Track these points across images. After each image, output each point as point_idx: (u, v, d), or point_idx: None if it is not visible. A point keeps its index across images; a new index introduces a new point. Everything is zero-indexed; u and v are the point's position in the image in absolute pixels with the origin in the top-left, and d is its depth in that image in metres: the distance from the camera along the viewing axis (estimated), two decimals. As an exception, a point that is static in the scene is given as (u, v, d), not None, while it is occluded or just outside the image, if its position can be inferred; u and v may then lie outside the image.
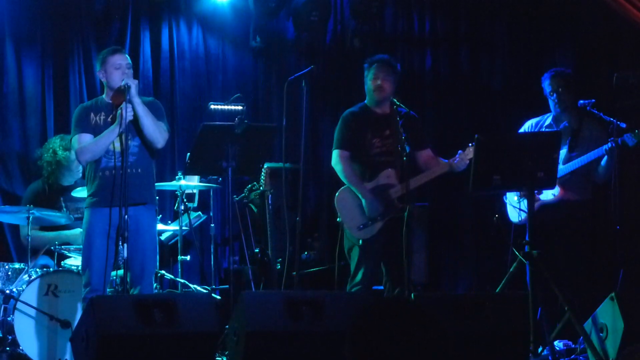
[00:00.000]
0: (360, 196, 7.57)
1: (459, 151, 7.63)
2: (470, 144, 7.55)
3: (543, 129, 8.01)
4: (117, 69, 7.07)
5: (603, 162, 7.69)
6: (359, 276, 7.55)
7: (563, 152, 7.85)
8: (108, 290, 7.16)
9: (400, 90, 7.84)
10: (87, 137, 7.05)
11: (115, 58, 7.10)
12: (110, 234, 6.79)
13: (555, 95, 8.00)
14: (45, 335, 7.40)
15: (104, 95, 7.25)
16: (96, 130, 7.05)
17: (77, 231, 8.11)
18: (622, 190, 7.55)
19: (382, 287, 7.86)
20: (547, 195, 7.90)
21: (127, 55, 7.23)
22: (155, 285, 8.25)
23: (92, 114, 7.13)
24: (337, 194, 7.73)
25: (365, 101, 7.84)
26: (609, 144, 7.57)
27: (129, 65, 7.12)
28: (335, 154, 7.72)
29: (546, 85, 8.06)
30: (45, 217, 7.90)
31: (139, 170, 7.08)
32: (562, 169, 7.83)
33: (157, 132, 7.02)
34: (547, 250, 7.43)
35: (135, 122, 7.00)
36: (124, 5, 9.72)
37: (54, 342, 7.38)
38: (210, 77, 10.03)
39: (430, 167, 7.77)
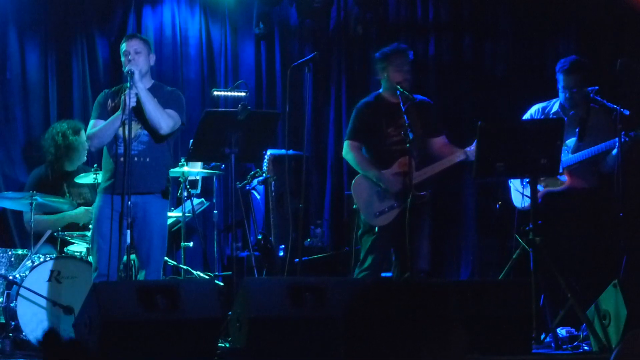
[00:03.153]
0: (375, 180, 7.58)
1: (475, 140, 7.61)
2: None
3: (550, 116, 7.97)
4: (125, 56, 7.14)
5: (613, 152, 7.64)
6: (368, 262, 7.57)
7: (572, 141, 7.83)
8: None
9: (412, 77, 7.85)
10: (95, 124, 7.17)
11: (124, 45, 7.21)
12: (116, 220, 6.88)
13: (567, 92, 7.90)
14: (48, 321, 7.41)
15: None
16: (109, 117, 7.13)
17: (81, 210, 8.12)
18: (625, 177, 7.54)
19: (390, 274, 7.88)
20: (554, 184, 7.89)
21: (136, 40, 7.26)
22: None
23: (109, 100, 7.24)
24: (354, 181, 7.76)
25: (380, 90, 7.83)
26: (623, 138, 7.49)
27: (137, 51, 7.16)
28: (346, 144, 7.77)
29: (560, 79, 7.92)
30: (49, 203, 7.91)
31: (147, 160, 7.11)
32: (572, 158, 7.81)
33: (159, 118, 7.05)
34: (551, 238, 7.43)
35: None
36: (127, -9, 9.73)
37: (57, 328, 7.38)
38: (213, 64, 10.02)
39: (444, 155, 7.75)
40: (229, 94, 9.35)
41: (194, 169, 8.58)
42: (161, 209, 7.26)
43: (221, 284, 8.46)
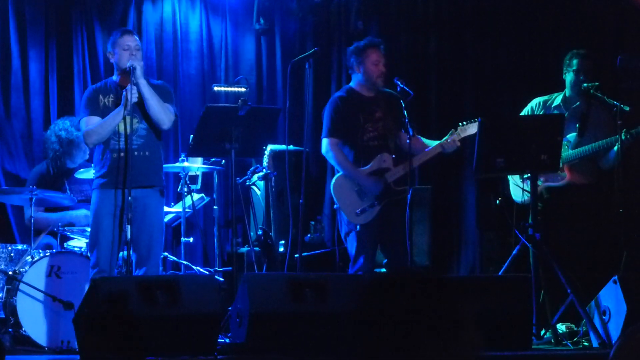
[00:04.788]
0: (356, 180, 7.58)
1: (451, 130, 7.62)
2: (460, 123, 7.55)
3: (551, 110, 7.97)
4: (126, 50, 7.12)
5: (614, 149, 7.63)
6: (360, 261, 7.56)
7: (572, 136, 7.83)
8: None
9: (404, 74, 7.83)
10: (95, 120, 7.11)
11: (124, 39, 7.16)
12: (117, 216, 6.87)
13: (581, 76, 7.88)
14: (48, 317, 7.41)
15: (114, 77, 7.31)
16: (105, 113, 7.11)
17: (82, 212, 8.13)
18: (625, 173, 7.54)
19: (383, 270, 7.89)
20: (555, 178, 7.89)
21: (136, 37, 7.29)
22: (158, 267, 8.29)
23: (100, 96, 7.19)
24: (333, 181, 7.75)
25: (352, 84, 7.81)
26: (624, 136, 7.49)
27: (138, 47, 7.18)
28: (325, 142, 7.72)
29: (574, 64, 7.92)
30: (49, 198, 7.91)
31: (147, 153, 7.12)
32: (572, 153, 7.81)
33: (162, 113, 7.07)
34: (551, 233, 7.43)
35: (142, 105, 7.04)
36: (127, -14, 9.73)
37: (57, 323, 7.39)
38: (214, 59, 10.02)
39: (414, 148, 7.71)
40: (230, 89, 9.34)
41: (194, 165, 8.58)
42: (159, 203, 7.27)
43: (221, 279, 8.46)
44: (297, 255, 7.86)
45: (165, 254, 8.51)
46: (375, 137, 7.65)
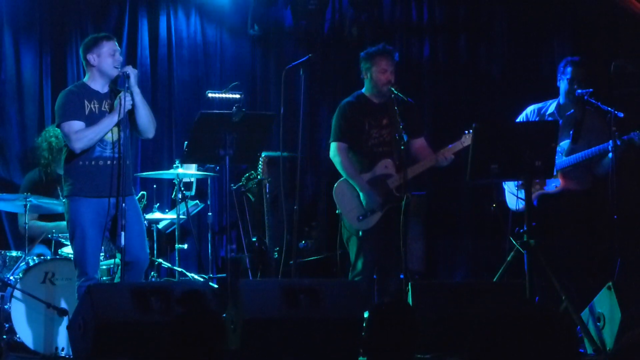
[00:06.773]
0: (358, 189, 7.61)
1: (450, 145, 7.67)
2: (465, 132, 7.59)
3: (545, 117, 7.98)
4: (112, 55, 7.00)
5: (609, 155, 7.63)
6: (360, 266, 7.59)
7: (566, 143, 7.84)
8: (104, 278, 7.18)
9: (398, 79, 7.85)
10: (79, 125, 6.90)
11: (111, 44, 7.03)
12: (103, 224, 6.79)
13: (575, 84, 7.87)
14: (42, 323, 7.40)
15: (85, 79, 7.11)
16: (91, 118, 6.94)
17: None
18: (619, 179, 7.54)
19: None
20: (549, 185, 7.90)
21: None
22: (152, 273, 8.29)
23: (85, 101, 6.98)
24: (335, 186, 7.77)
25: (363, 90, 7.85)
26: (617, 142, 7.49)
27: (121, 53, 7.14)
28: (333, 146, 7.77)
29: (568, 72, 7.92)
30: (43, 205, 7.89)
31: (127, 162, 7.02)
32: (565, 160, 7.81)
33: (151, 122, 7.03)
34: (545, 240, 7.43)
35: (128, 113, 6.96)
36: (122, -8, 9.72)
37: (51, 330, 7.38)
38: (208, 66, 10.01)
39: (420, 157, 7.79)
40: (224, 95, 9.33)
41: (189, 171, 8.58)
42: (139, 209, 7.25)
43: (215, 286, 8.46)
44: (291, 262, 7.86)
45: (160, 260, 8.52)
46: (381, 143, 7.70)
